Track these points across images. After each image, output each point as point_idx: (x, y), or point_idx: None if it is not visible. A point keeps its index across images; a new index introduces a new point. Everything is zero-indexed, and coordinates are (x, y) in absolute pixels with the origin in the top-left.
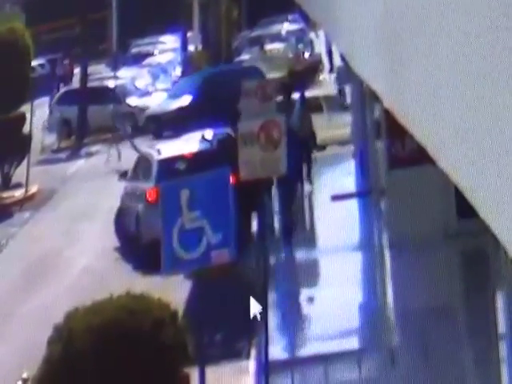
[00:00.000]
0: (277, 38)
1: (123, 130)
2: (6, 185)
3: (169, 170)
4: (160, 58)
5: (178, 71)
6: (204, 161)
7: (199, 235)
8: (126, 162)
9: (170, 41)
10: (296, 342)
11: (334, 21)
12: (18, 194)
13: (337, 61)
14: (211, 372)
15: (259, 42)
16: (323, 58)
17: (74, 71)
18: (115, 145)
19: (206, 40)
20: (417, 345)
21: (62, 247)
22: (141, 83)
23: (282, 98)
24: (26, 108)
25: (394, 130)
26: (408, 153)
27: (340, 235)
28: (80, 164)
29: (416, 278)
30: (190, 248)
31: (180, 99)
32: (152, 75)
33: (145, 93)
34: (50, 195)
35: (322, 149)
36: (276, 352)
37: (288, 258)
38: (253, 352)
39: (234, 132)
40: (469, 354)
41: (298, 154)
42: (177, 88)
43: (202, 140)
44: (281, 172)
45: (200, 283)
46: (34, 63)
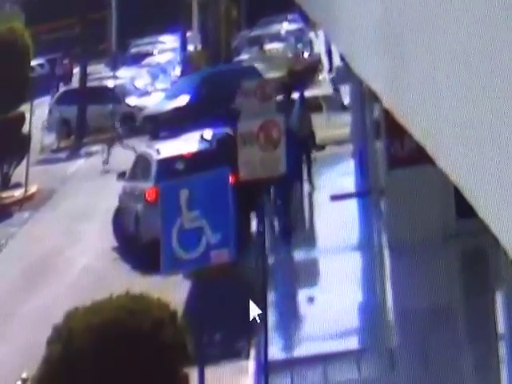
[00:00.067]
0: (276, 37)
1: (118, 130)
2: (6, 185)
3: (168, 169)
4: (159, 58)
5: (177, 71)
6: (203, 161)
7: (198, 235)
8: (121, 163)
9: (170, 41)
10: (295, 342)
11: (333, 21)
12: (17, 193)
13: (336, 61)
14: (211, 372)
15: (258, 42)
16: (322, 57)
17: (73, 71)
18: (107, 148)
19: (205, 40)
20: (416, 345)
21: (62, 247)
22: (140, 83)
23: (281, 97)
24: (25, 108)
25: (393, 129)
26: (407, 152)
27: (339, 235)
28: (79, 164)
29: (415, 278)
30: (190, 248)
31: (177, 99)
32: (151, 75)
33: (144, 93)
34: (50, 195)
35: (321, 149)
36: (275, 352)
37: (287, 258)
38: (252, 352)
39: (234, 132)
40: (468, 354)
41: (297, 153)
42: (174, 88)
43: (202, 140)
44: (280, 172)
45: (199, 283)
46: (33, 63)
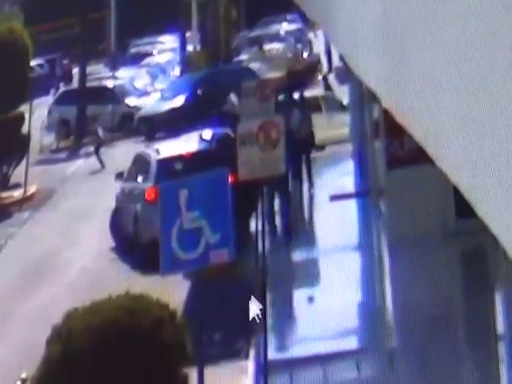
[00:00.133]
0: (276, 38)
1: (99, 135)
2: (5, 185)
3: (168, 169)
4: (159, 58)
5: (176, 71)
6: (203, 161)
7: (198, 235)
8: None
9: (169, 41)
10: (295, 342)
11: (332, 21)
12: (16, 194)
13: (336, 61)
14: (210, 372)
15: (258, 42)
16: (322, 58)
17: (73, 71)
18: (94, 153)
19: (204, 40)
20: (415, 344)
21: (61, 247)
22: (139, 83)
23: (281, 98)
24: (24, 108)
25: (392, 129)
26: (407, 152)
27: (339, 235)
28: (79, 164)
29: (415, 278)
30: (189, 248)
31: (173, 100)
32: (151, 75)
33: (143, 93)
34: (49, 195)
35: (320, 149)
36: (275, 352)
37: (287, 258)
38: (252, 352)
39: (233, 132)
40: (467, 353)
41: (297, 153)
42: (170, 89)
43: (201, 140)
44: (280, 172)
45: (199, 283)
46: (32, 63)
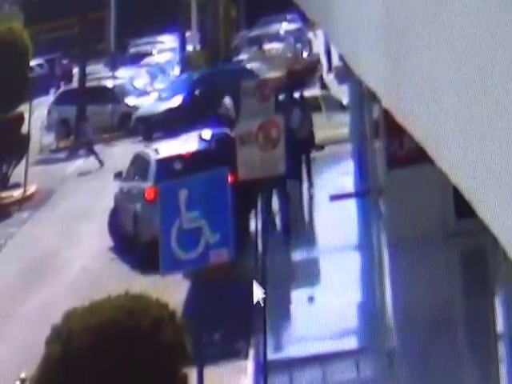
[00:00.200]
0: (275, 37)
1: (86, 136)
2: (5, 185)
3: (167, 169)
4: (158, 58)
5: (176, 71)
6: (202, 161)
7: (197, 235)
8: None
9: (169, 40)
10: (294, 342)
11: (332, 20)
12: (16, 194)
13: (335, 60)
14: (209, 372)
15: (258, 42)
16: (322, 57)
17: (72, 71)
18: (88, 154)
19: (204, 40)
20: (415, 344)
21: (61, 247)
22: (139, 83)
23: (282, 97)
24: (24, 108)
25: (392, 129)
26: (406, 152)
27: (338, 235)
28: (78, 164)
29: (414, 278)
30: (189, 248)
31: (170, 100)
32: (150, 75)
33: (143, 93)
34: (49, 195)
35: (320, 148)
36: (274, 352)
37: (286, 258)
38: (251, 352)
39: (231, 132)
40: (467, 353)
41: (296, 153)
42: (167, 89)
43: (200, 140)
44: (280, 171)
45: (198, 283)
46: (32, 63)
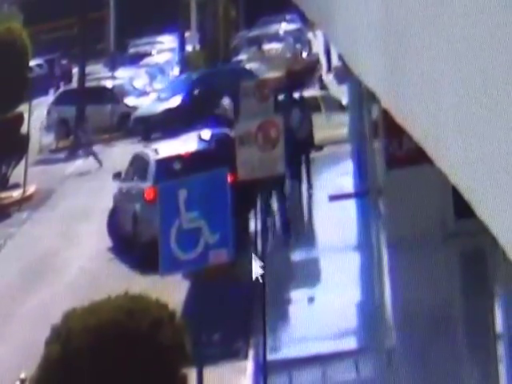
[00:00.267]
0: (275, 37)
1: (79, 136)
2: (4, 185)
3: (166, 169)
4: (158, 58)
5: (175, 71)
6: (201, 161)
7: (197, 235)
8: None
9: (168, 41)
10: (293, 342)
11: (331, 21)
12: (15, 194)
13: (335, 60)
14: (209, 372)
15: (257, 42)
16: (321, 57)
17: (72, 71)
18: (87, 154)
19: (203, 40)
20: (415, 344)
21: (61, 247)
22: (138, 83)
23: (281, 97)
24: (24, 108)
25: (391, 129)
26: (406, 152)
27: (338, 235)
28: (78, 164)
29: (414, 278)
30: (188, 248)
31: (169, 101)
32: (150, 75)
33: (142, 93)
34: (48, 195)
35: (319, 149)
36: (274, 352)
37: (286, 258)
38: (251, 352)
39: (230, 132)
40: (467, 353)
41: (296, 153)
42: (167, 89)
43: (200, 140)
44: (279, 172)
45: (198, 283)
46: (31, 63)
